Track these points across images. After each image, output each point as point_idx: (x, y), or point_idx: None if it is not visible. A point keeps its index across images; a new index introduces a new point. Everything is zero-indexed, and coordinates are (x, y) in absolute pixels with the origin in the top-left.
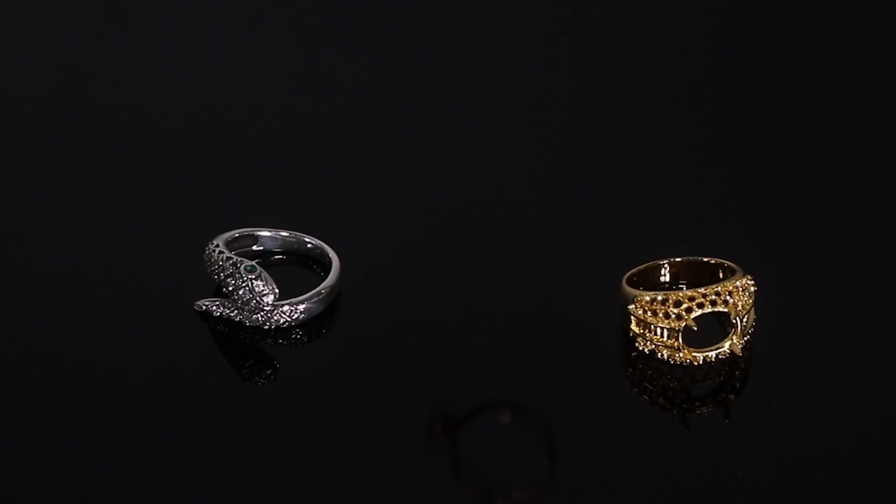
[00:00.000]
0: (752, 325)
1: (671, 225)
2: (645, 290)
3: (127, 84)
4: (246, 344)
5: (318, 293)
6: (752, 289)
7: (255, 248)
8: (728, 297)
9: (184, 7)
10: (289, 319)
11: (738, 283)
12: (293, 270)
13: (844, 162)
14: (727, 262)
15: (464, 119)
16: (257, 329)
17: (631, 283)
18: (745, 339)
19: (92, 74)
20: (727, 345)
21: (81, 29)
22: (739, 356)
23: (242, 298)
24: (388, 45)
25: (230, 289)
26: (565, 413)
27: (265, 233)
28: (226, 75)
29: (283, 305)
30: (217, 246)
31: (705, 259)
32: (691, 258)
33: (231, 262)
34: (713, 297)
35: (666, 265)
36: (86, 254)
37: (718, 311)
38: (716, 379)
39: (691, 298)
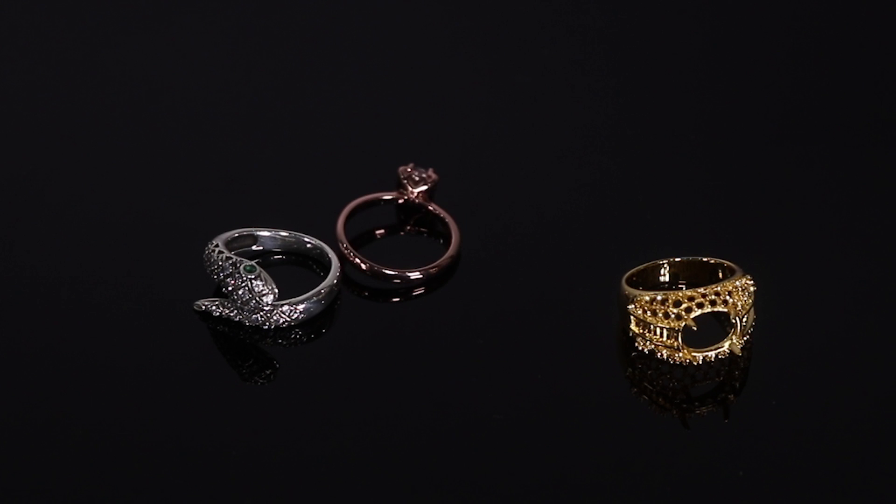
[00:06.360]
0: (752, 325)
1: (671, 225)
2: (644, 290)
3: (127, 84)
4: (245, 344)
5: (318, 293)
6: (752, 289)
7: (254, 248)
8: (728, 297)
9: (184, 7)
10: (288, 319)
11: (737, 283)
12: (293, 270)
13: (844, 161)
14: (727, 262)
15: (464, 120)
16: (257, 329)
17: (630, 283)
18: (745, 339)
19: (92, 74)
20: (727, 345)
21: (82, 30)
22: (739, 356)
23: (242, 298)
24: (388, 44)
25: (230, 289)
26: (565, 413)
27: (265, 233)
28: (226, 75)
29: (282, 305)
30: (217, 246)
31: (705, 259)
32: (691, 258)
33: (231, 262)
34: (713, 296)
35: (665, 265)
36: (86, 254)
37: (718, 311)
38: (715, 379)
39: (691, 298)
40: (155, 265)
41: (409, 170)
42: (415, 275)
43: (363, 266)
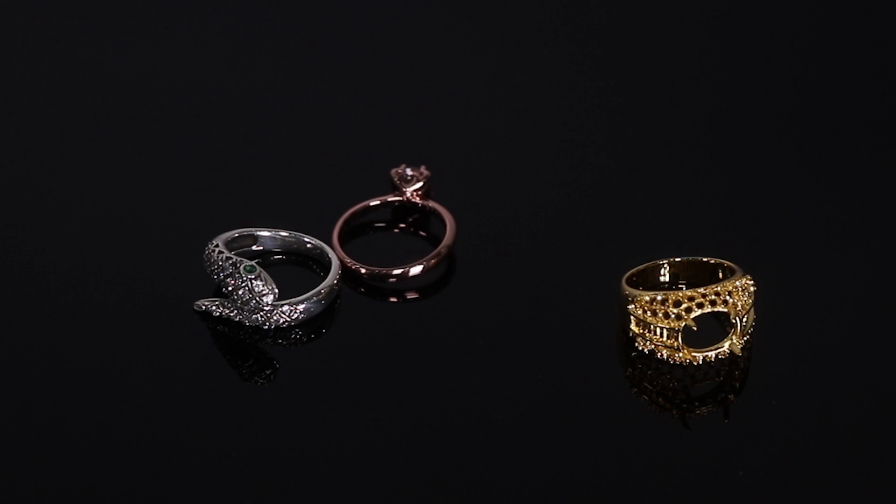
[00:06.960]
0: (752, 325)
1: (671, 225)
2: (644, 290)
3: (127, 84)
4: (245, 344)
5: (318, 293)
6: (752, 289)
7: (254, 248)
8: (728, 297)
9: (184, 7)
10: (288, 319)
11: (737, 283)
12: (293, 270)
13: (844, 161)
14: (727, 262)
15: (464, 119)
16: (257, 329)
17: (631, 283)
18: (745, 339)
19: (93, 74)
20: (727, 345)
21: (83, 29)
22: (739, 356)
23: (242, 298)
24: (388, 44)
25: (230, 289)
26: (565, 413)
27: (265, 233)
28: (226, 75)
29: (282, 305)
30: (217, 246)
31: (705, 259)
32: (691, 258)
33: (231, 262)
34: (713, 296)
35: (666, 265)
36: (86, 253)
37: (718, 311)
38: (715, 379)
39: (691, 298)
40: (155, 265)
41: (400, 171)
42: (415, 270)
43: (363, 271)
